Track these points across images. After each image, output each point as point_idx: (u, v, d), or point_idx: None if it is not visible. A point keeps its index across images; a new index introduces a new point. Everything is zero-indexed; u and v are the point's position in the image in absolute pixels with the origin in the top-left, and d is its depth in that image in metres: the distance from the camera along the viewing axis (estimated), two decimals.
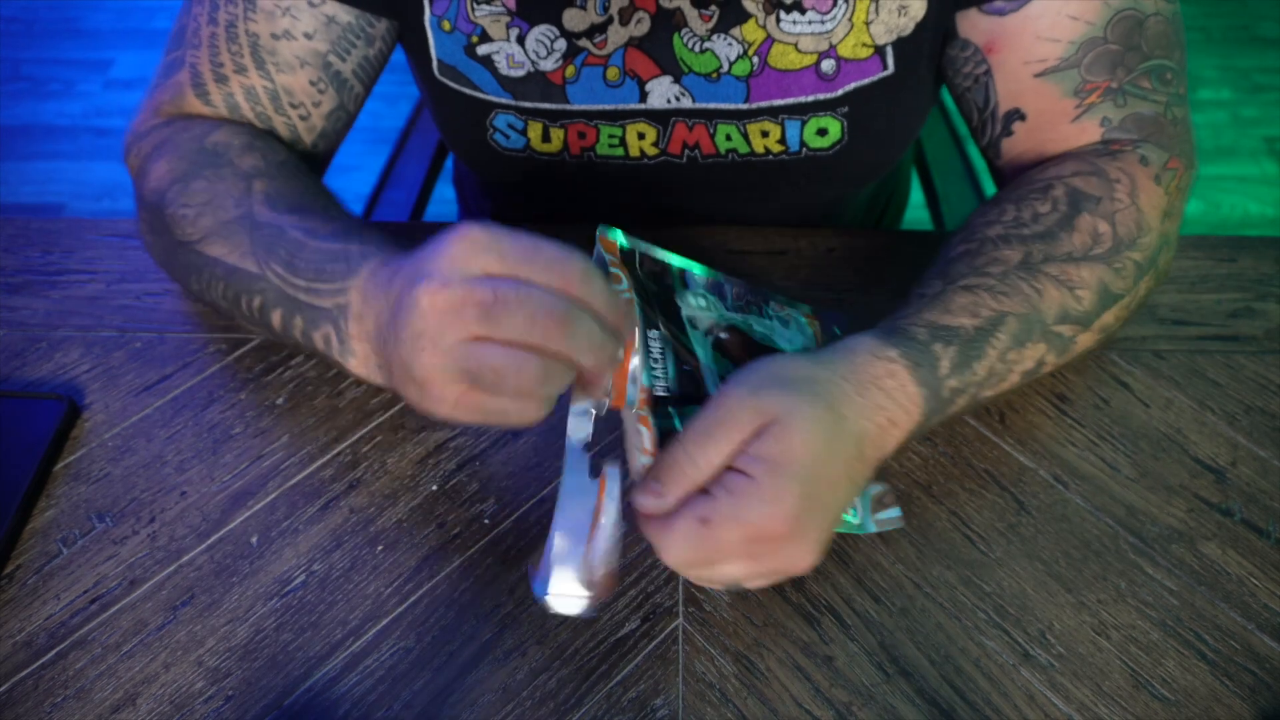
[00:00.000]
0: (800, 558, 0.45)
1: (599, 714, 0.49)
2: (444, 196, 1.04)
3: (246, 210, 0.57)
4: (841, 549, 0.55)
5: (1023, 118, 0.63)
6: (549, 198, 0.77)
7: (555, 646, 0.52)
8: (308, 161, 0.68)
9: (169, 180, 0.60)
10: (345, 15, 0.64)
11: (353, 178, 2.06)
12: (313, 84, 0.65)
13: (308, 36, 0.64)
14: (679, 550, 0.44)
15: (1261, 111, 2.10)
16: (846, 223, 0.84)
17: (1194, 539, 0.55)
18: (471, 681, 0.50)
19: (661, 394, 0.49)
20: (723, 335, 0.55)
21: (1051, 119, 0.62)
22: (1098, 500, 0.57)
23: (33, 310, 0.68)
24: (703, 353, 0.53)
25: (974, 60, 0.62)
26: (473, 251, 0.43)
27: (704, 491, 0.45)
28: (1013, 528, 0.56)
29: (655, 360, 0.50)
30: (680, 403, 0.50)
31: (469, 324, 0.42)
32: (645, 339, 0.50)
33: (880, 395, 0.48)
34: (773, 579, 0.47)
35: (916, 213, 1.01)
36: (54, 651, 0.52)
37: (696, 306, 0.56)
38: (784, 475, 0.43)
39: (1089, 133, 0.62)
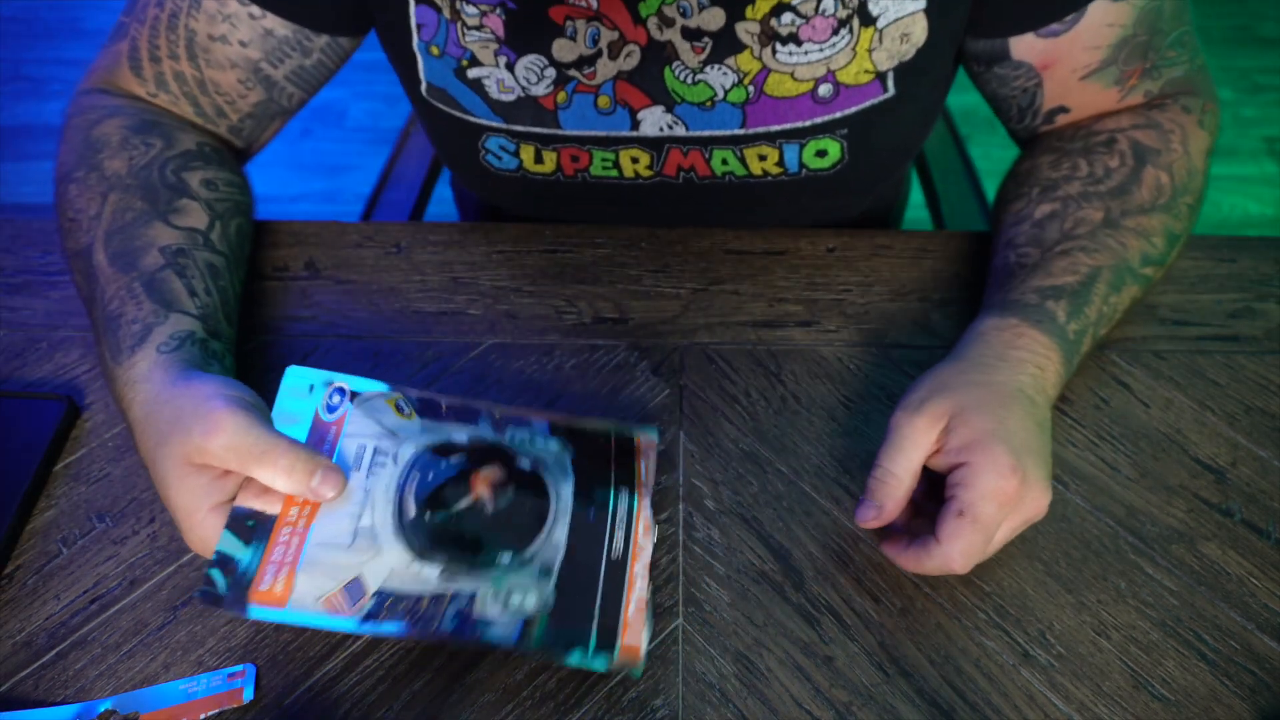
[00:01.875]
0: (1038, 499, 0.51)
1: (599, 714, 0.49)
2: (444, 196, 1.04)
3: (89, 245, 0.61)
4: (841, 549, 0.55)
5: (1066, 110, 0.68)
6: (544, 213, 0.77)
7: None
8: (232, 137, 0.71)
9: (59, 176, 0.66)
10: (283, 29, 0.66)
11: (353, 178, 2.07)
12: (240, 82, 0.68)
13: (243, 44, 0.66)
14: (964, 547, 0.50)
15: (1261, 111, 2.10)
16: (846, 224, 0.84)
17: (1194, 539, 0.55)
18: (471, 681, 0.50)
19: None
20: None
21: (1096, 107, 0.68)
22: (1098, 500, 0.57)
23: (33, 310, 0.68)
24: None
25: (1026, 75, 0.66)
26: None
27: (913, 506, 0.53)
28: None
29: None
30: None
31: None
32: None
33: (1020, 353, 0.55)
34: (1027, 526, 0.52)
35: (916, 212, 1.01)
36: (54, 651, 0.52)
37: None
38: (988, 446, 0.50)
39: (1132, 103, 0.68)
